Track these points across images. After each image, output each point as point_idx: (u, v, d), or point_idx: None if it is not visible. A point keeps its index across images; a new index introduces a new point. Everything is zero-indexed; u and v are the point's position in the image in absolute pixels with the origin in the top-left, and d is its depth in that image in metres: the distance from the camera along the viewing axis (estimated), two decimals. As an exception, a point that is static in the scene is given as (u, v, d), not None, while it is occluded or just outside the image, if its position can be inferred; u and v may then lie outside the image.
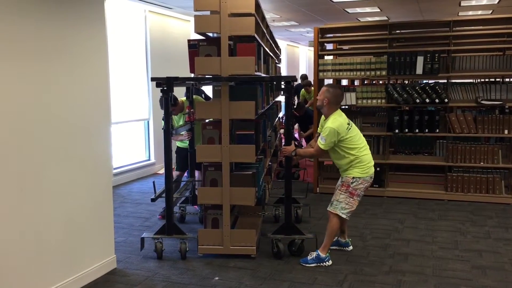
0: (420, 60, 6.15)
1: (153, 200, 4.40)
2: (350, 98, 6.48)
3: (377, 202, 6.20)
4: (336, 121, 3.91)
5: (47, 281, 3.32)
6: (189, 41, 3.99)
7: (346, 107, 6.71)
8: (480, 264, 4.09)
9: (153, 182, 4.74)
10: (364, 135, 6.64)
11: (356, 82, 9.58)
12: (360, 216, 5.57)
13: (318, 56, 6.61)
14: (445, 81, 6.39)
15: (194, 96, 4.91)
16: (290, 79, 3.92)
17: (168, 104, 3.96)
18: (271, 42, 5.74)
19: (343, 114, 4.04)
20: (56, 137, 3.36)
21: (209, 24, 3.72)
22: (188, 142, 5.32)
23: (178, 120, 5.35)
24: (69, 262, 3.52)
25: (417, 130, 6.28)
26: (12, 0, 2.96)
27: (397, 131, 6.33)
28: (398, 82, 8.22)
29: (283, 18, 9.76)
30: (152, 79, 3.93)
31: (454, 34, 6.20)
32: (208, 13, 3.98)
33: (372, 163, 4.08)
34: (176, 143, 5.60)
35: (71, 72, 3.48)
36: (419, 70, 6.18)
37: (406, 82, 8.10)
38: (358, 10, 8.91)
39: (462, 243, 4.61)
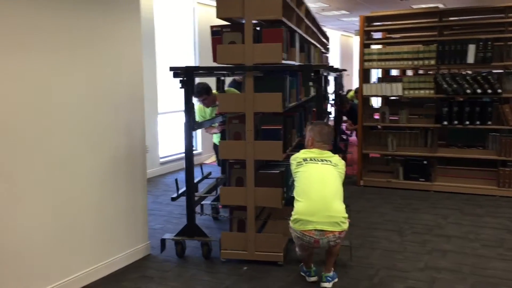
0: (471, 48, 5.84)
1: (173, 199, 4.16)
2: (396, 89, 6.27)
3: (422, 196, 5.98)
4: (296, 153, 3.44)
5: (78, 265, 3.46)
6: (211, 27, 3.68)
7: (394, 97, 6.51)
8: (524, 264, 3.85)
9: (176, 179, 4.37)
10: (411, 127, 6.56)
11: (410, 72, 9.26)
12: (402, 210, 5.39)
13: (364, 45, 6.44)
14: (501, 71, 6.03)
15: (227, 88, 4.79)
16: (321, 68, 3.61)
17: (189, 95, 3.71)
18: (314, 29, 5.55)
19: (315, 151, 3.38)
20: (88, 127, 3.47)
21: (231, 8, 3.43)
22: (221, 136, 5.16)
23: (210, 113, 5.23)
24: (101, 248, 3.64)
25: (467, 122, 5.96)
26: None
27: (445, 123, 6.05)
28: (453, 71, 7.85)
29: (333, 7, 9.57)
30: (171, 68, 3.66)
31: (510, 20, 5.83)
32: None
33: (307, 218, 3.14)
34: (213, 138, 5.51)
35: (106, 64, 3.58)
36: (470, 59, 5.87)
37: (466, 72, 7.72)
38: (410, -3, 8.59)
39: (508, 241, 4.36)
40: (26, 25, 2.98)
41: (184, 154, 3.84)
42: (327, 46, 7.69)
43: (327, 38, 7.66)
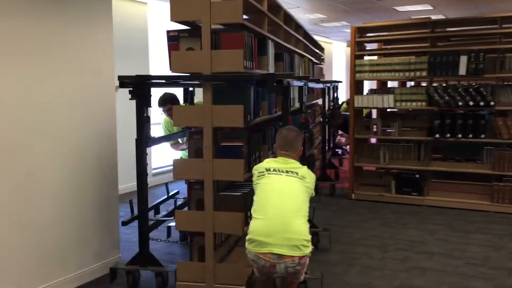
0: (463, 59, 5.71)
1: (124, 223, 3.74)
2: (388, 101, 6.15)
3: (414, 211, 5.83)
4: (259, 163, 3.05)
5: (45, 277, 3.40)
6: (168, 32, 3.29)
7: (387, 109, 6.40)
8: (505, 284, 3.69)
9: (130, 201, 3.91)
10: (403, 140, 6.43)
11: (409, 84, 9.11)
12: (390, 225, 5.25)
13: (356, 56, 6.34)
14: (494, 83, 5.89)
15: (197, 101, 4.31)
16: (285, 78, 3.25)
17: (141, 108, 3.35)
18: (300, 37, 5.40)
19: (280, 160, 2.96)
20: (59, 136, 3.44)
21: (187, 10, 3.02)
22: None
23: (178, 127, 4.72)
24: (70, 259, 3.59)
25: (460, 135, 5.82)
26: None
27: (437, 135, 5.91)
28: (447, 83, 7.71)
29: (331, 18, 9.50)
30: (119, 77, 3.29)
31: (503, 31, 5.70)
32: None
33: (263, 239, 2.70)
34: (180, 155, 4.99)
35: (77, 72, 3.56)
36: (462, 70, 5.74)
37: (461, 83, 7.56)
38: (409, 8, 8.47)
39: (492, 259, 4.20)
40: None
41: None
42: (321, 57, 7.59)
43: (321, 49, 7.57)
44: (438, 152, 6.68)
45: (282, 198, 2.80)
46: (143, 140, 3.41)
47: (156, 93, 4.02)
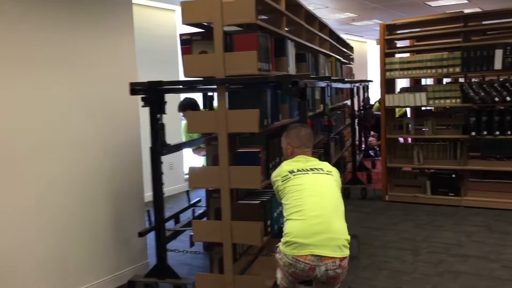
0: (498, 53, 5.48)
1: (140, 234, 3.55)
2: (420, 99, 5.96)
3: (450, 212, 5.61)
4: (278, 168, 2.82)
5: (72, 283, 3.48)
6: (181, 35, 3.18)
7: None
8: (545, 288, 3.49)
9: (148, 211, 3.76)
10: (438, 139, 6.21)
11: (445, 81, 8.83)
12: (423, 227, 5.07)
13: (386, 54, 6.20)
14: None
15: (217, 106, 4.20)
16: (301, 79, 2.98)
17: (154, 114, 3.24)
18: (326, 37, 5.25)
19: (301, 159, 2.79)
20: (81, 145, 3.51)
21: (197, 12, 2.91)
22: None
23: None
24: (97, 265, 3.65)
25: (497, 132, 5.58)
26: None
27: (473, 133, 5.68)
28: (483, 79, 7.42)
29: (362, 16, 9.33)
30: (131, 84, 3.22)
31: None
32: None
33: (302, 240, 2.50)
34: (202, 161, 4.86)
35: (100, 81, 3.62)
36: (497, 64, 5.51)
37: (506, 78, 7.25)
38: (443, 3, 8.20)
39: (532, 262, 3.99)
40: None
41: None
42: (350, 56, 7.44)
43: (350, 48, 7.43)
44: (475, 151, 6.44)
45: (319, 197, 2.61)
46: (158, 148, 3.31)
47: (173, 100, 3.96)
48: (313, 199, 2.58)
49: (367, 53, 14.05)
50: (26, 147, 3.17)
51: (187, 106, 4.55)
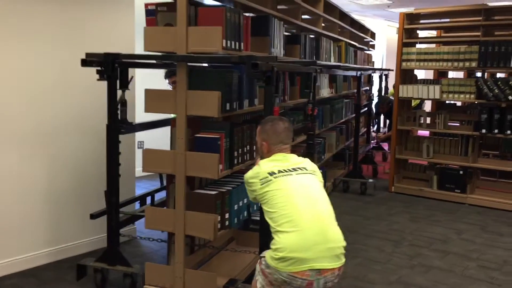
0: (516, 50, 5.28)
1: (92, 217, 3.37)
2: (434, 92, 5.85)
3: (451, 208, 5.54)
4: (255, 168, 2.49)
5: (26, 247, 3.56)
6: (146, 5, 2.92)
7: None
8: (512, 291, 3.45)
9: (105, 191, 3.25)
10: (449, 134, 6.07)
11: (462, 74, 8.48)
12: (417, 221, 5.05)
13: (403, 44, 6.09)
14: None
15: None
16: (262, 61, 2.70)
17: (112, 89, 2.98)
18: (335, 20, 5.05)
19: (280, 157, 2.48)
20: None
21: None
22: None
23: None
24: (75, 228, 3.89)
25: (508, 132, 5.41)
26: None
27: (484, 131, 5.54)
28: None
29: (398, 3, 9.11)
30: (87, 55, 2.95)
31: None
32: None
33: (300, 255, 2.20)
34: None
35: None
36: (514, 61, 5.32)
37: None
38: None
39: (510, 265, 3.91)
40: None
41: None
42: (370, 43, 7.28)
43: (371, 34, 7.26)
44: (494, 149, 6.28)
45: (309, 202, 2.33)
46: (115, 126, 3.08)
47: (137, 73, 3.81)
48: (304, 205, 2.30)
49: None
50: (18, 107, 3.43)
51: (173, 73, 4.00)
